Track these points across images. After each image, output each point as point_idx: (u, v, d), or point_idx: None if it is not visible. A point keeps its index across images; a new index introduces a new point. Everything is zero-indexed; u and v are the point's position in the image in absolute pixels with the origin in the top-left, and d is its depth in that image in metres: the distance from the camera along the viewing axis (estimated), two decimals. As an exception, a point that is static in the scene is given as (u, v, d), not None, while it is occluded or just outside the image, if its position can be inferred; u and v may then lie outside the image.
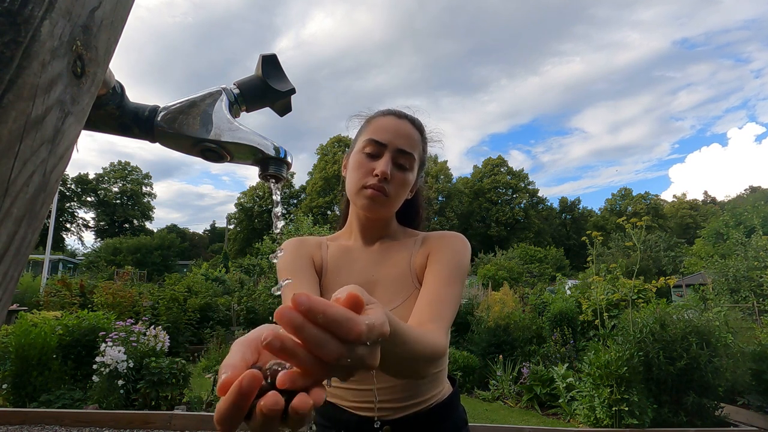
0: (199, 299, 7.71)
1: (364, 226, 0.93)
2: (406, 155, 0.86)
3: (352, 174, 0.88)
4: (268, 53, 0.58)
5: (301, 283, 0.84)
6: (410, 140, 0.87)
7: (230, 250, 37.69)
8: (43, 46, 0.27)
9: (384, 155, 0.85)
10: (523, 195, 46.24)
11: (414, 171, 0.89)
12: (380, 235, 0.93)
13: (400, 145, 0.85)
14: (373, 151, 0.86)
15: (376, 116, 0.91)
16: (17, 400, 3.94)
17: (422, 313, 0.74)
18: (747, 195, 41.52)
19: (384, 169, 0.83)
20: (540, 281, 15.01)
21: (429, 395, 0.84)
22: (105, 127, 0.52)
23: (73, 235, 45.33)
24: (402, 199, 0.89)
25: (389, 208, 0.88)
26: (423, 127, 0.93)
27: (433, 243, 0.88)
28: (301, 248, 0.91)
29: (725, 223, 16.42)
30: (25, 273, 10.86)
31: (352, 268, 0.90)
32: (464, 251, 0.86)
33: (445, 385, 0.89)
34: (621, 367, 3.62)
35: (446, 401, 0.86)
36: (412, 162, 0.87)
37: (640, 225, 4.47)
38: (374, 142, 0.86)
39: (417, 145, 0.89)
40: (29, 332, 4.05)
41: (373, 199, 0.84)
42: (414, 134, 0.88)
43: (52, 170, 0.30)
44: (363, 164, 0.86)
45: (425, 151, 0.94)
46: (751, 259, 7.55)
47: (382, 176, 0.83)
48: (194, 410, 3.91)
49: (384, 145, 0.85)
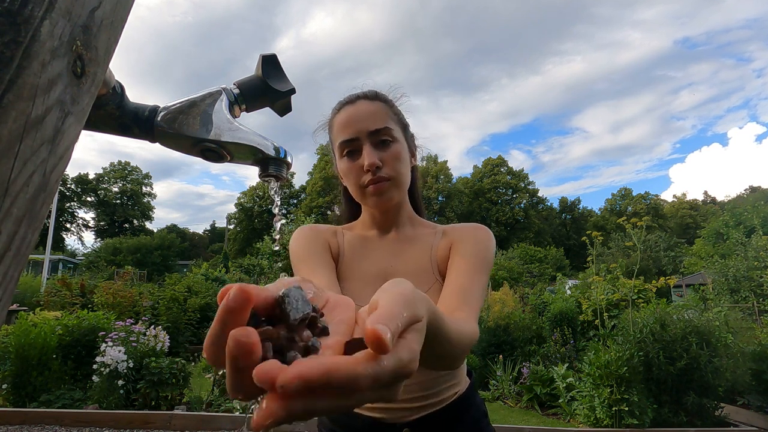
0: (199, 299, 7.70)
1: (378, 217, 0.89)
2: (379, 131, 0.82)
3: (348, 181, 0.86)
4: (268, 53, 0.58)
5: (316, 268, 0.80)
6: (374, 116, 0.83)
7: (230, 250, 37.71)
8: (43, 46, 0.27)
9: (362, 147, 0.82)
10: (523, 195, 46.24)
11: (398, 139, 0.84)
12: (395, 222, 0.90)
13: (368, 127, 0.81)
14: (349, 150, 0.83)
15: (333, 117, 0.88)
16: (17, 400, 3.94)
17: (450, 302, 0.71)
18: (747, 195, 41.53)
19: (369, 160, 0.80)
20: (540, 281, 15.01)
21: (449, 393, 0.80)
22: (105, 127, 0.52)
23: (73, 235, 45.38)
24: (405, 172, 0.85)
25: (398, 189, 0.84)
26: (380, 94, 0.88)
27: (456, 234, 0.85)
28: (316, 234, 0.88)
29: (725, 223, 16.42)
30: (25, 273, 10.86)
31: (369, 257, 0.87)
32: (488, 242, 0.83)
33: (463, 379, 0.85)
34: (621, 367, 3.62)
35: (464, 395, 0.83)
36: (390, 132, 0.83)
37: (641, 225, 4.47)
38: (345, 142, 0.83)
39: (384, 115, 0.84)
40: (29, 332, 4.05)
41: (378, 193, 0.82)
42: (374, 107, 0.84)
43: (52, 170, 0.30)
44: (350, 167, 0.83)
45: (397, 113, 0.89)
46: (751, 259, 7.55)
47: (372, 167, 0.80)
48: (194, 410, 3.91)
49: (354, 139, 0.82)
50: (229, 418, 3.63)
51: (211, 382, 4.49)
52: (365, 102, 0.85)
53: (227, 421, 3.61)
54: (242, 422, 3.58)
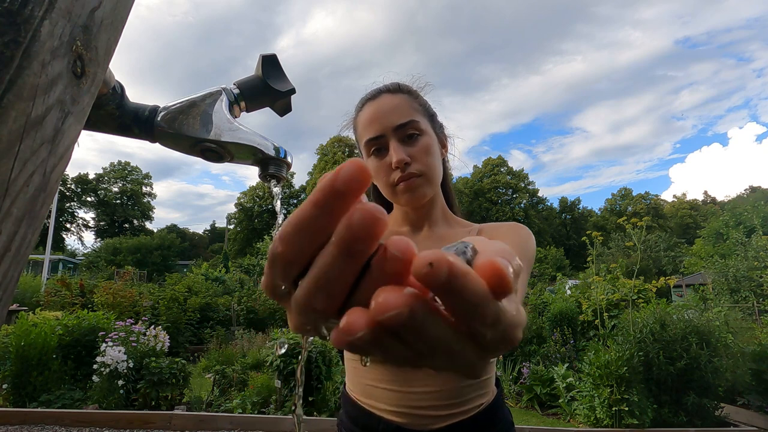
0: (199, 299, 7.71)
1: (411, 213, 0.86)
2: (405, 125, 0.78)
3: (377, 180, 0.82)
4: (268, 53, 0.58)
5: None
6: (399, 110, 0.79)
7: (230, 250, 37.71)
8: (43, 46, 0.27)
9: (389, 144, 0.78)
10: (523, 195, 46.26)
11: (426, 131, 0.81)
12: (428, 219, 0.86)
13: (393, 122, 0.78)
14: (376, 148, 0.80)
15: (356, 116, 0.86)
16: (17, 400, 3.94)
17: None
18: (747, 195, 41.52)
19: (397, 157, 0.76)
20: (540, 281, 15.00)
21: (476, 403, 0.75)
22: (105, 127, 0.52)
23: (73, 235, 45.34)
24: (436, 165, 0.81)
25: (430, 184, 0.80)
26: (403, 86, 0.84)
27: (494, 232, 0.81)
28: None
29: (725, 223, 16.44)
30: (25, 273, 10.86)
31: None
32: (529, 239, 0.78)
33: (491, 389, 0.80)
34: (621, 367, 3.62)
35: (492, 405, 0.78)
36: (417, 125, 0.79)
37: (641, 225, 4.47)
38: (370, 141, 0.80)
39: (408, 108, 0.80)
40: (29, 332, 4.06)
41: (409, 190, 0.78)
42: (397, 101, 0.80)
43: (52, 170, 0.30)
44: (378, 166, 0.80)
45: (423, 104, 0.85)
46: (751, 259, 7.56)
47: (400, 164, 0.76)
48: (194, 410, 3.91)
49: (380, 136, 0.79)
50: (228, 418, 3.63)
51: (211, 382, 4.49)
52: (388, 96, 0.81)
53: (227, 421, 3.61)
54: (242, 422, 3.58)
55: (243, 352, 5.44)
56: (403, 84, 0.85)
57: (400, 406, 0.73)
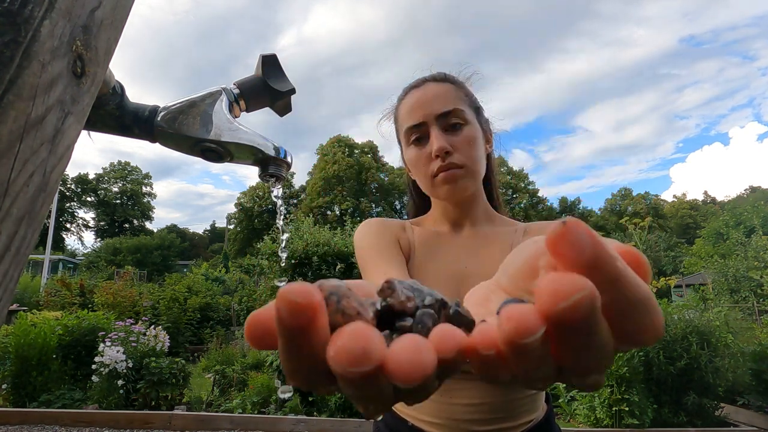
0: (199, 299, 7.72)
1: (451, 210, 0.81)
2: (449, 114, 0.74)
3: (416, 171, 0.78)
4: (268, 53, 0.58)
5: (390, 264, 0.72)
6: (444, 98, 0.75)
7: (230, 250, 37.70)
8: (43, 46, 0.27)
9: (430, 132, 0.74)
10: (523, 195, 46.28)
11: (471, 122, 0.76)
12: (470, 217, 0.80)
13: (437, 110, 0.74)
14: (417, 137, 0.76)
15: (399, 103, 0.82)
16: (17, 400, 3.94)
17: None
18: (747, 195, 41.55)
19: (438, 144, 0.72)
20: (540, 281, 15.00)
21: (525, 419, 0.69)
22: (105, 127, 0.52)
23: (73, 235, 45.33)
24: (480, 158, 0.77)
25: (472, 178, 0.76)
26: (449, 75, 0.81)
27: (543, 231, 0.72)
28: (385, 228, 0.80)
29: (725, 223, 16.45)
30: (25, 273, 10.86)
31: (441, 256, 0.78)
32: None
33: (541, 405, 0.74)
34: (621, 367, 3.62)
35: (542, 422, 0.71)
36: (461, 114, 0.75)
37: (643, 225, 4.47)
38: (412, 128, 0.76)
39: (453, 96, 0.76)
40: (29, 332, 4.06)
41: (449, 181, 0.73)
42: (443, 89, 0.76)
43: (52, 170, 0.30)
44: (418, 155, 0.76)
45: (469, 95, 0.80)
46: (751, 259, 7.56)
47: (441, 152, 0.72)
48: (194, 410, 3.91)
49: (421, 123, 0.75)
50: (228, 418, 3.63)
51: (211, 382, 4.49)
52: (433, 84, 0.78)
53: (227, 421, 3.61)
54: (242, 422, 3.58)
55: (243, 352, 5.44)
56: (450, 74, 0.82)
57: (441, 417, 0.69)
